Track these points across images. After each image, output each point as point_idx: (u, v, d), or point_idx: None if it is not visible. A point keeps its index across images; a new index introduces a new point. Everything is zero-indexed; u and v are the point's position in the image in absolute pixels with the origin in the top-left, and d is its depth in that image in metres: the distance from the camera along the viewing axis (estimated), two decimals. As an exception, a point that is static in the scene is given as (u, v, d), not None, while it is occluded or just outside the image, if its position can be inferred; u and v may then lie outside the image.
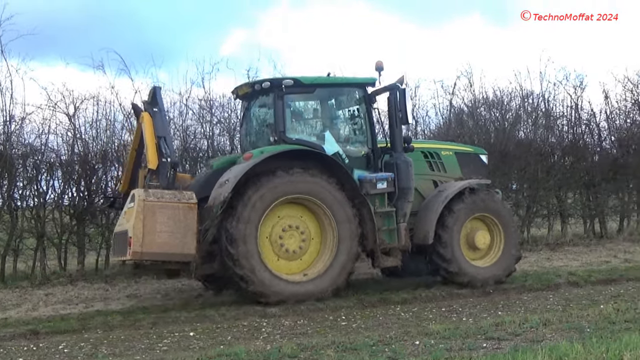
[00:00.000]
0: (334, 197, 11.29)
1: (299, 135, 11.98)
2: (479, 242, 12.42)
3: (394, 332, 8.54)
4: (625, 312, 9.14)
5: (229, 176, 10.91)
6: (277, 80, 11.95)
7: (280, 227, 11.28)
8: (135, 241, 10.14)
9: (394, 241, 11.89)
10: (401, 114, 12.07)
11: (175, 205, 10.46)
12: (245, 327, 9.61)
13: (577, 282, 12.35)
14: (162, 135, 11.49)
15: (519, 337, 7.90)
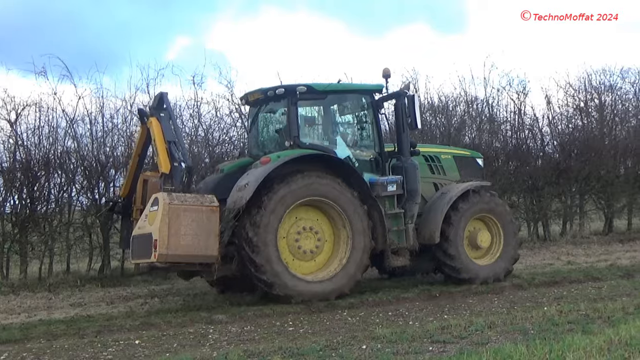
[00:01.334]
0: (348, 199, 11.71)
1: (311, 140, 12.44)
2: (480, 241, 13.04)
3: (341, 336, 8.53)
4: (568, 314, 9.26)
5: (248, 180, 11.19)
6: (291, 86, 12.25)
7: (296, 229, 11.65)
8: (161, 244, 10.32)
9: (403, 241, 12.33)
10: (410, 119, 12.59)
11: (199, 209, 10.66)
12: (191, 334, 9.50)
13: (521, 285, 12.50)
14: (171, 140, 11.66)
15: (464, 340, 7.94)
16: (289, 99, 12.04)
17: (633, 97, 22.93)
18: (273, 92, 12.28)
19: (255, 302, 11.70)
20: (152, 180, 12.48)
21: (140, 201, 12.56)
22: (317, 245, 11.80)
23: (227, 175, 12.34)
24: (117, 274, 15.19)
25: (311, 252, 11.76)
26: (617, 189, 20.52)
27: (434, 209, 12.79)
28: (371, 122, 12.84)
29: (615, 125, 22.00)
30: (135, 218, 12.48)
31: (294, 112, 12.03)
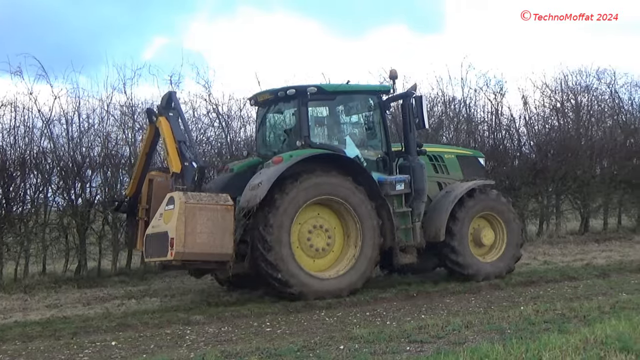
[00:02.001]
0: (358, 198, 11.93)
1: (321, 140, 12.68)
2: (484, 239, 13.36)
3: (319, 337, 8.52)
4: (544, 313, 9.31)
5: (261, 179, 11.37)
6: (301, 87, 12.41)
7: (308, 227, 11.86)
8: (177, 242, 10.46)
9: (410, 239, 12.59)
10: (417, 120, 12.88)
11: (214, 207, 10.81)
12: (168, 335, 9.46)
13: (498, 285, 12.54)
14: (181, 139, 11.80)
15: (441, 340, 7.96)
16: (299, 99, 12.25)
17: (609, 98, 23.11)
18: (284, 92, 12.46)
19: (232, 303, 11.70)
20: (157, 180, 12.73)
21: (145, 200, 12.74)
22: (328, 243, 12.03)
23: (237, 174, 12.64)
24: (93, 274, 15.11)
25: (322, 250, 11.99)
26: (593, 189, 20.65)
27: (439, 207, 13.07)
28: (379, 122, 13.10)
29: (591, 125, 22.13)
30: (141, 217, 12.69)
31: (305, 112, 12.26)
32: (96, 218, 15.74)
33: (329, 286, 11.68)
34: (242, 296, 12.33)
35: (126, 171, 15.88)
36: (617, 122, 22.60)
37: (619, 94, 23.03)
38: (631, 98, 23.24)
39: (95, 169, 15.73)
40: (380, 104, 13.06)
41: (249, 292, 12.57)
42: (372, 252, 12.04)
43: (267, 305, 11.18)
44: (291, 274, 11.33)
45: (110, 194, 15.64)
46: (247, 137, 17.78)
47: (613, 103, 23.03)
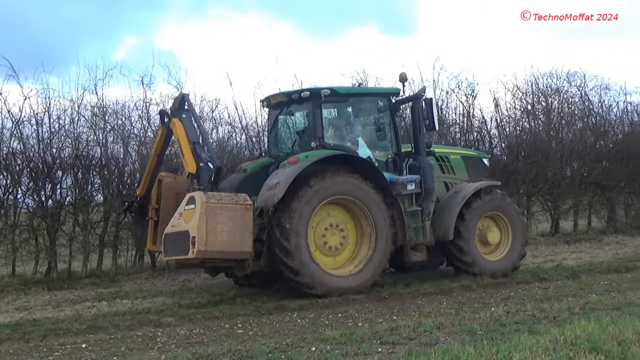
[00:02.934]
0: (372, 197, 12.28)
1: (335, 141, 12.89)
2: (490, 238, 13.75)
3: (291, 338, 8.52)
4: (515, 314, 9.37)
5: (279, 179, 11.66)
6: (315, 89, 12.79)
7: (323, 225, 12.15)
8: (199, 240, 10.73)
9: (420, 237, 13.00)
10: (428, 121, 13.23)
11: (234, 207, 11.14)
12: (139, 337, 9.40)
13: (469, 286, 12.57)
14: (195, 140, 12.10)
15: (413, 341, 7.97)
16: (313, 101, 12.54)
17: (579, 100, 23.32)
18: (298, 95, 12.86)
19: (204, 305, 11.67)
20: (166, 181, 13.08)
21: (155, 201, 13.04)
22: (342, 243, 12.33)
23: (251, 174, 13.05)
24: (63, 276, 14.96)
25: (336, 249, 12.28)
26: (563, 190, 20.78)
27: (447, 207, 13.43)
28: (389, 124, 13.41)
29: (561, 127, 22.30)
30: (151, 217, 13.02)
31: (319, 114, 12.54)
32: (67, 220, 15.60)
33: (343, 283, 11.99)
34: (213, 298, 12.30)
35: (97, 172, 15.76)
36: (587, 125, 22.80)
37: (589, 97, 23.32)
38: (601, 100, 23.49)
39: (65, 170, 15.58)
40: (390, 106, 13.40)
41: (222, 294, 12.56)
42: (384, 252, 12.37)
43: (239, 307, 11.17)
44: (308, 270, 11.62)
45: (81, 195, 15.50)
46: (219, 139, 17.72)
47: (583, 105, 23.26)
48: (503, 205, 14.00)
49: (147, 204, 13.09)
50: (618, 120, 23.45)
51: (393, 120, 13.41)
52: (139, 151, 16.26)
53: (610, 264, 14.97)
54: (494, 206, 13.86)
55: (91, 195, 15.84)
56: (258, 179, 12.59)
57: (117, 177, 15.94)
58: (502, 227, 14.00)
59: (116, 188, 15.75)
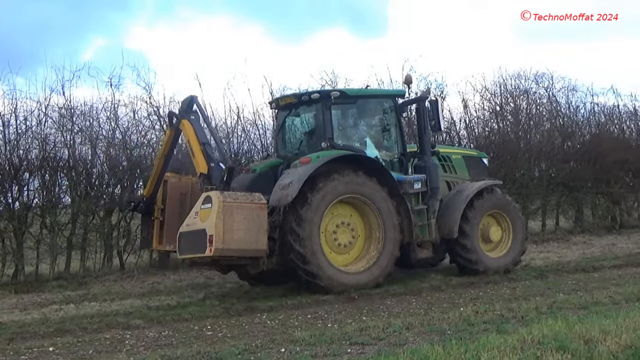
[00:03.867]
0: (381, 196, 12.64)
1: (343, 142, 13.18)
2: (492, 235, 14.17)
3: (260, 340, 8.48)
4: (483, 314, 9.42)
5: (291, 178, 11.99)
6: (325, 91, 13.34)
7: (333, 224, 12.48)
8: (217, 239, 10.99)
9: (426, 235, 13.39)
10: (434, 122, 13.65)
11: (249, 206, 11.43)
12: (107, 339, 9.33)
13: (438, 286, 12.64)
14: (204, 141, 12.40)
15: (382, 342, 7.98)
16: (323, 103, 12.89)
17: (547, 102, 23.51)
18: (307, 96, 13.27)
19: (173, 307, 11.62)
20: (171, 181, 13.41)
21: (161, 201, 13.31)
22: (351, 241, 12.65)
23: (260, 174, 13.28)
24: (31, 279, 14.82)
25: (345, 246, 12.59)
26: (531, 191, 20.93)
27: (451, 205, 13.79)
28: (395, 125, 13.81)
29: (529, 128, 22.46)
30: (157, 217, 13.27)
31: (328, 115, 12.88)
32: (34, 222, 15.45)
33: (354, 280, 12.30)
34: (182, 300, 12.25)
35: (65, 174, 15.63)
36: (554, 126, 22.99)
37: (557, 98, 23.51)
38: (568, 102, 23.71)
39: (33, 172, 15.44)
40: (396, 107, 13.77)
41: (191, 296, 12.52)
42: (392, 248, 12.70)
43: (208, 309, 11.13)
44: (320, 267, 11.92)
45: (49, 197, 15.36)
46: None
47: (551, 107, 23.47)
48: (504, 203, 14.43)
49: (153, 204, 13.30)
50: (585, 121, 23.67)
51: (398, 121, 13.81)
52: (107, 153, 16.14)
53: (577, 264, 15.12)
54: (495, 205, 14.27)
55: (59, 197, 15.70)
56: (267, 178, 12.99)
57: (85, 178, 15.81)
58: (503, 225, 14.42)
59: (84, 190, 15.63)
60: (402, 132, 13.90)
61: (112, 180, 16.04)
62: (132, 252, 15.88)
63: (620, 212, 22.53)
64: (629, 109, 24.21)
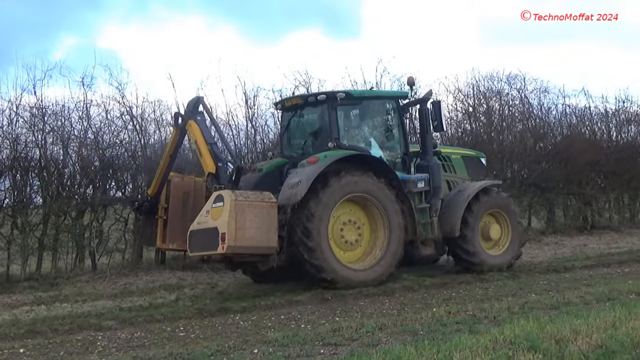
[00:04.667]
0: (386, 195, 13.01)
1: (349, 142, 13.47)
2: (492, 234, 14.56)
3: (233, 341, 8.48)
4: (456, 314, 9.47)
5: (300, 177, 12.28)
6: (331, 93, 13.56)
7: (340, 222, 12.83)
8: (229, 236, 11.31)
9: (429, 233, 13.69)
10: (436, 123, 14.05)
11: (260, 204, 11.77)
12: (79, 341, 9.28)
13: (411, 287, 12.67)
14: (211, 142, 12.82)
15: (355, 342, 8.00)
16: (329, 104, 13.25)
17: (519, 103, 23.63)
18: (314, 98, 13.66)
19: (145, 307, 11.56)
20: (174, 181, 13.76)
21: (164, 200, 13.70)
22: (357, 238, 13.01)
23: (266, 174, 13.55)
24: (1, 280, 14.61)
25: (351, 244, 12.93)
26: (504, 191, 21.02)
27: (453, 204, 14.16)
28: (397, 125, 14.17)
29: (502, 129, 22.58)
30: (160, 216, 13.67)
31: (334, 116, 13.23)
32: (5, 222, 15.29)
33: (360, 276, 12.65)
34: (155, 301, 12.20)
35: (36, 174, 15.49)
36: (527, 127, 23.11)
37: (529, 99, 23.64)
38: (540, 103, 23.86)
39: (3, 172, 15.25)
40: (399, 108, 14.14)
41: (163, 297, 12.48)
42: (397, 247, 13.08)
43: (181, 310, 11.09)
44: (328, 263, 12.25)
45: (20, 197, 15.21)
46: (162, 140, 17.53)
47: (523, 108, 23.58)
48: (503, 202, 14.83)
49: (158, 203, 13.66)
50: (557, 122, 23.81)
51: (401, 122, 14.16)
52: (79, 153, 16.00)
53: (549, 264, 15.25)
54: (494, 204, 14.67)
55: (30, 198, 15.55)
56: (273, 178, 13.37)
57: (56, 179, 15.65)
58: (502, 223, 14.78)
59: (55, 190, 15.48)
60: (404, 133, 14.24)
61: (84, 180, 15.88)
62: (105, 253, 15.75)
63: (592, 213, 22.68)
64: (600, 111, 24.40)
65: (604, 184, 22.98)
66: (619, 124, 24.35)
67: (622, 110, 24.39)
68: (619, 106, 24.35)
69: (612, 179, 22.58)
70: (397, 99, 14.34)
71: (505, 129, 22.74)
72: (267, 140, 18.96)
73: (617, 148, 23.29)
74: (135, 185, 16.46)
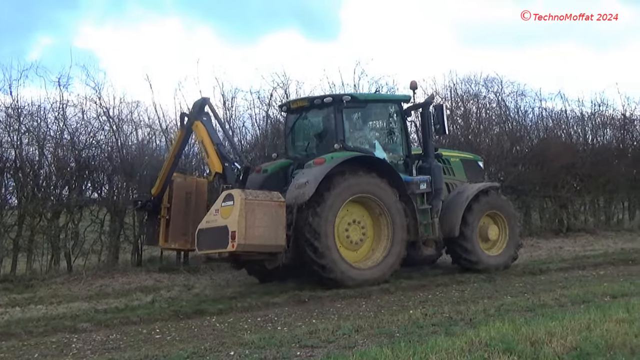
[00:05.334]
0: (390, 196, 13.29)
1: (354, 144, 13.77)
2: (490, 234, 14.92)
3: (209, 343, 8.46)
4: (432, 316, 9.52)
5: (307, 178, 12.58)
6: (337, 96, 13.92)
7: (345, 222, 13.09)
8: (239, 235, 11.51)
9: (430, 233, 14.01)
10: (439, 126, 14.40)
11: (269, 204, 12.02)
12: (53, 343, 9.21)
13: (388, 289, 12.67)
14: (217, 142, 13.14)
15: (332, 344, 8.02)
16: (335, 106, 13.55)
17: (496, 106, 23.72)
18: (320, 100, 13.88)
19: (121, 310, 11.48)
20: (177, 181, 14.06)
21: (167, 200, 14.00)
22: (362, 238, 13.31)
23: (271, 174, 13.92)
24: (-24, 282, 14.54)
25: (356, 244, 13.22)
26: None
27: (452, 206, 14.50)
28: (400, 128, 14.52)
29: (479, 132, 22.66)
30: (163, 215, 13.96)
31: (340, 118, 13.52)
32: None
33: (365, 275, 12.94)
34: (131, 303, 12.13)
35: (11, 175, 15.37)
36: (503, 130, 23.19)
37: (506, 102, 23.70)
38: (517, 106, 23.91)
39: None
40: (401, 112, 14.46)
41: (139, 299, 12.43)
42: (400, 247, 13.38)
43: (157, 312, 11.03)
44: (334, 261, 12.54)
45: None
46: (139, 141, 17.43)
47: (500, 111, 23.62)
48: (501, 204, 15.24)
49: (161, 203, 13.93)
50: (533, 125, 23.88)
51: (404, 125, 14.51)
52: (55, 153, 15.88)
53: (525, 267, 15.32)
54: (493, 205, 15.03)
55: (5, 199, 15.42)
56: (278, 179, 13.80)
57: (32, 179, 15.52)
58: (500, 224, 15.15)
59: (31, 191, 15.35)
60: (407, 135, 14.59)
61: (59, 181, 15.77)
62: (80, 255, 15.65)
63: (567, 216, 22.79)
64: (576, 114, 24.54)
65: (579, 187, 23.09)
66: (595, 127, 24.47)
67: (597, 113, 24.53)
68: (594, 110, 24.50)
69: (588, 182, 22.69)
70: (400, 102, 14.60)
71: (482, 132, 22.81)
72: (245, 142, 18.91)
73: (593, 151, 23.40)
74: (111, 186, 16.34)
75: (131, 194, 16.22)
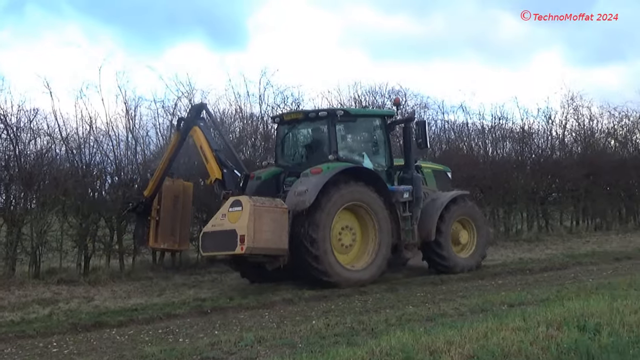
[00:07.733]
0: (378, 204, 14.42)
1: (345, 155, 14.85)
2: (461, 238, 16.28)
3: (108, 356, 8.32)
4: (334, 327, 9.55)
5: (307, 186, 13.54)
6: (332, 110, 15.49)
7: (338, 227, 14.11)
8: (248, 238, 12.46)
9: (410, 238, 15.08)
10: (420, 140, 15.57)
11: (275, 209, 13.04)
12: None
13: (291, 299, 12.69)
14: (216, 148, 13.96)
15: (234, 356, 7.97)
16: (329, 120, 14.62)
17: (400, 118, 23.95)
18: (315, 114, 15.08)
19: (17, 323, 11.13)
20: (166, 184, 14.87)
21: (157, 201, 14.88)
22: (352, 242, 14.38)
23: (265, 181, 14.73)
24: None
25: (347, 247, 14.30)
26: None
27: (428, 212, 15.58)
28: (384, 141, 15.58)
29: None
30: (153, 217, 14.91)
31: (334, 131, 14.57)
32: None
33: (356, 277, 14.03)
34: (27, 316, 11.75)
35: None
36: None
37: (410, 115, 23.99)
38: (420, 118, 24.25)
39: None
40: (386, 126, 15.61)
41: (36, 311, 12.07)
42: (386, 250, 14.50)
43: (54, 325, 10.76)
44: (331, 265, 13.60)
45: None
46: (37, 150, 16.98)
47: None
48: (471, 211, 16.59)
49: (151, 204, 14.69)
50: (436, 137, 24.32)
51: (387, 138, 15.61)
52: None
53: (426, 277, 15.49)
54: (463, 212, 16.31)
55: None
56: (270, 185, 14.70)
57: None
58: (469, 229, 16.46)
59: None
60: (390, 148, 15.60)
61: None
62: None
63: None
64: (477, 127, 25.13)
65: (480, 198, 23.59)
66: (495, 140, 25.09)
67: (497, 126, 25.15)
68: (494, 123, 25.10)
69: (488, 193, 23.17)
70: (385, 117, 15.73)
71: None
72: (149, 152, 18.60)
73: (493, 163, 23.95)
74: (8, 195, 15.84)
75: (29, 204, 15.75)
